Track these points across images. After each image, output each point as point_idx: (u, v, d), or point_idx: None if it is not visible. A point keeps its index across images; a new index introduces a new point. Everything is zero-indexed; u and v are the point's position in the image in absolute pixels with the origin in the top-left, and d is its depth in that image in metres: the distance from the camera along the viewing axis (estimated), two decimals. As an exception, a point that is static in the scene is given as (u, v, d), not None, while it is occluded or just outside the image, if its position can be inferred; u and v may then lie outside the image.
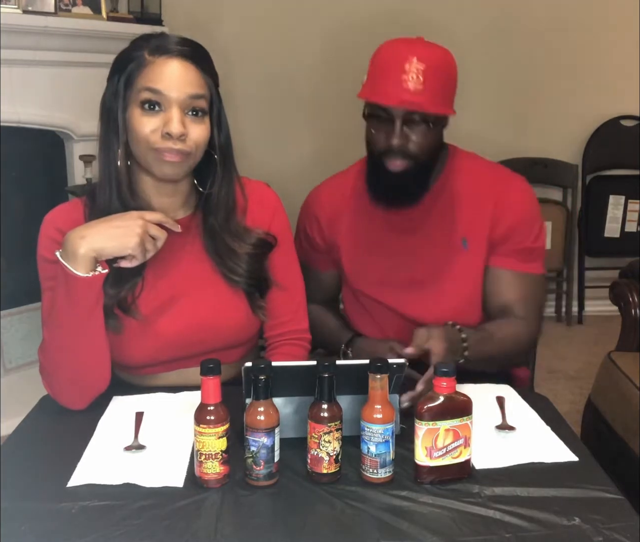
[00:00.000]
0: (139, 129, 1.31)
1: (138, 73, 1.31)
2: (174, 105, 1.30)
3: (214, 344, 1.40)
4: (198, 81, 1.33)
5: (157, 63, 1.31)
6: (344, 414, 1.09)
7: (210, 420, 1.05)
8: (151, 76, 1.30)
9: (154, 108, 1.31)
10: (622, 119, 3.86)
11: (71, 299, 1.27)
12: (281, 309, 1.52)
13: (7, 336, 2.95)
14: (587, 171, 3.90)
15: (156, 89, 1.30)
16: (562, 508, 1.02)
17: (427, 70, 1.43)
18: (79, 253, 1.24)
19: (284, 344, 1.53)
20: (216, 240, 1.42)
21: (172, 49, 1.32)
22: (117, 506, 1.02)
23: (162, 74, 1.30)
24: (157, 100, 1.30)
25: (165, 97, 1.30)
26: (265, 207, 1.50)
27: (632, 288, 2.28)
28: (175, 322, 1.40)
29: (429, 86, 1.43)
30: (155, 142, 1.31)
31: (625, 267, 2.38)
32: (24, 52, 2.69)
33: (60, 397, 1.34)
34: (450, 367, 1.07)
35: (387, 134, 1.48)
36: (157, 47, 1.32)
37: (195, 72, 1.33)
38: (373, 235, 1.65)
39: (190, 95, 1.31)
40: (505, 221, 1.56)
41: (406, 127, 1.47)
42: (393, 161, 1.49)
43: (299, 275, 1.55)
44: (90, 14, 2.89)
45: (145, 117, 1.31)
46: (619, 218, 3.91)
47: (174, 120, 1.29)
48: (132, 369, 1.44)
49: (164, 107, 1.31)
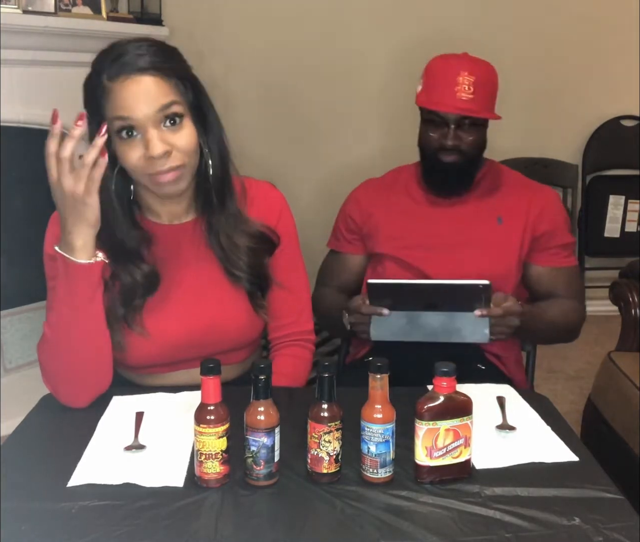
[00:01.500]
0: (124, 159, 1.28)
1: (104, 103, 1.26)
2: (148, 125, 1.25)
3: (218, 346, 1.40)
4: (164, 89, 1.27)
5: (118, 88, 1.25)
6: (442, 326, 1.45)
7: (210, 420, 1.05)
8: (116, 104, 1.25)
9: (131, 134, 1.26)
10: (622, 119, 3.85)
11: (71, 288, 1.27)
12: (286, 310, 1.52)
13: (7, 336, 2.95)
14: (587, 171, 3.90)
15: (124, 116, 1.25)
16: (562, 508, 1.02)
17: (477, 82, 1.69)
18: (77, 245, 1.24)
19: (288, 346, 1.53)
20: (219, 235, 1.41)
21: (128, 68, 1.25)
22: (117, 506, 1.02)
23: (125, 99, 1.25)
24: (130, 126, 1.26)
25: (135, 120, 1.25)
26: (271, 208, 1.49)
27: (632, 288, 2.28)
28: (179, 325, 1.40)
29: (477, 95, 1.69)
30: (144, 168, 1.28)
31: (625, 267, 2.38)
32: (24, 52, 2.69)
33: (60, 394, 1.34)
34: (450, 367, 1.07)
35: (441, 135, 1.72)
36: (113, 70, 1.25)
37: (158, 81, 1.26)
38: (410, 207, 1.83)
39: (159, 108, 1.25)
40: (546, 221, 1.77)
41: (459, 130, 1.71)
42: (447, 155, 1.73)
43: (304, 277, 1.55)
44: (90, 14, 2.89)
45: (126, 145, 1.27)
46: (619, 218, 3.91)
47: (151, 143, 1.25)
48: (135, 369, 1.45)
49: (139, 130, 1.26)
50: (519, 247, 1.77)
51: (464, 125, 1.71)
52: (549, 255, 1.78)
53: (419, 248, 1.77)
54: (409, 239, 1.78)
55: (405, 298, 1.54)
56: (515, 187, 1.83)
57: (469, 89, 1.67)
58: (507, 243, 1.76)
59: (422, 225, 1.80)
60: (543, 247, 1.78)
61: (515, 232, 1.76)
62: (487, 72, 1.74)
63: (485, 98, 1.71)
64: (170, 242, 1.43)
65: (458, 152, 1.72)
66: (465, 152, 1.72)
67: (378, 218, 1.83)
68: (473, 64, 1.72)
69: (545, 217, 1.77)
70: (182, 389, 1.38)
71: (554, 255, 1.78)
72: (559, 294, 1.77)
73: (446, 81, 1.70)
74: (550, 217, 1.78)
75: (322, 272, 1.92)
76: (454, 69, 1.70)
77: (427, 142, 1.76)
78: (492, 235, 1.77)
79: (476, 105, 1.69)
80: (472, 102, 1.68)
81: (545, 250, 1.78)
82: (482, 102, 1.70)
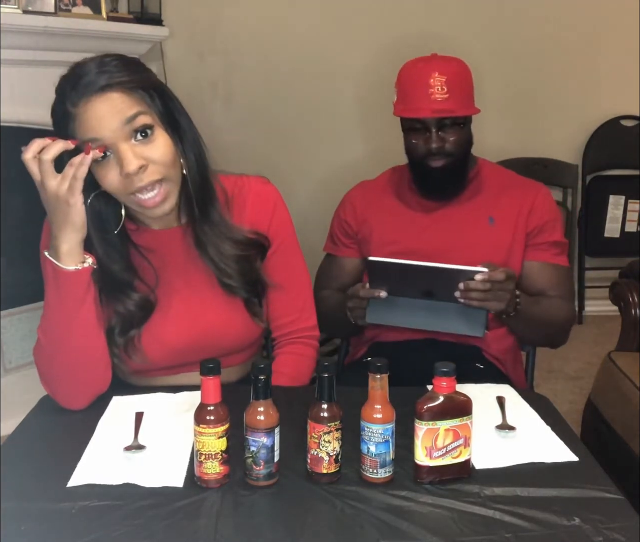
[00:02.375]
0: (104, 183, 1.26)
1: (73, 129, 1.24)
2: (118, 141, 1.23)
3: (216, 351, 1.38)
4: (127, 102, 1.24)
5: (82, 112, 1.23)
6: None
7: (210, 420, 1.05)
8: (83, 128, 1.23)
9: (105, 155, 1.24)
10: (622, 119, 3.85)
11: (60, 294, 1.27)
12: (286, 308, 1.51)
13: (7, 336, 2.95)
14: (587, 171, 3.90)
15: (92, 137, 1.22)
16: (562, 508, 1.02)
17: (449, 81, 1.67)
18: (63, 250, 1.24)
19: (290, 343, 1.52)
20: (207, 246, 1.39)
21: (89, 90, 1.22)
22: (117, 506, 1.02)
23: (90, 120, 1.22)
24: (105, 146, 1.23)
25: (104, 139, 1.22)
26: (264, 203, 1.47)
27: (632, 288, 2.28)
28: (177, 331, 1.40)
29: (452, 94, 1.67)
30: (125, 188, 1.26)
31: (625, 267, 2.38)
32: (24, 52, 2.69)
33: (59, 396, 1.34)
34: (450, 367, 1.07)
35: (425, 141, 1.71)
36: (75, 94, 1.23)
37: (120, 95, 1.24)
38: (403, 212, 1.83)
39: (125, 121, 1.23)
40: (537, 216, 1.76)
41: (441, 132, 1.70)
42: (434, 160, 1.72)
43: (304, 272, 1.54)
44: (90, 14, 2.89)
45: (102, 168, 1.25)
46: (619, 218, 3.91)
47: (125, 159, 1.22)
48: (134, 373, 1.44)
49: (111, 149, 1.24)
50: (511, 246, 1.75)
51: (445, 126, 1.69)
52: (538, 251, 1.77)
53: (412, 254, 1.72)
54: (401, 245, 1.77)
55: (404, 282, 1.54)
56: (507, 185, 1.82)
57: (442, 89, 1.66)
58: (498, 243, 1.75)
59: (414, 231, 1.79)
60: (532, 242, 1.77)
61: (506, 232, 1.76)
62: (459, 68, 1.73)
63: (461, 95, 1.69)
64: (162, 248, 1.41)
65: (444, 154, 1.70)
66: (451, 153, 1.71)
67: (372, 223, 1.83)
68: (443, 63, 1.71)
69: (536, 212, 1.76)
70: (182, 389, 1.38)
71: (544, 251, 1.77)
72: (549, 293, 1.75)
73: (419, 86, 1.68)
74: (541, 212, 1.77)
75: (320, 276, 1.91)
76: (425, 71, 1.69)
77: (412, 150, 1.75)
78: (483, 237, 1.76)
79: (452, 104, 1.67)
80: (448, 102, 1.66)
81: (535, 246, 1.77)
82: (458, 100, 1.68)
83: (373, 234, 1.83)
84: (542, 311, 1.71)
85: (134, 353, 1.37)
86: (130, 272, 1.38)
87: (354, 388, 1.18)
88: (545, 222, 1.77)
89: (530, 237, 1.76)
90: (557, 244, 1.79)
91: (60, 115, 1.26)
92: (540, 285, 1.76)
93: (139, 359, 1.37)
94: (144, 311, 1.38)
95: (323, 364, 1.07)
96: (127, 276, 1.37)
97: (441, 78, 1.66)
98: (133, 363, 1.39)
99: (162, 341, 1.39)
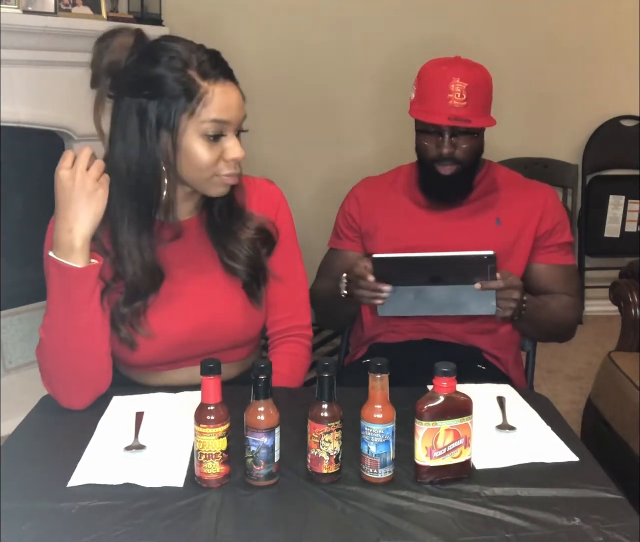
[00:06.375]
0: (202, 158, 1.32)
1: (198, 104, 1.29)
2: (232, 130, 1.33)
3: (218, 344, 1.41)
4: (242, 100, 1.35)
5: (217, 92, 1.30)
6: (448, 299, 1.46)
7: (210, 420, 1.05)
8: (216, 107, 1.30)
9: (217, 137, 1.32)
10: (622, 119, 3.86)
11: (67, 292, 1.27)
12: (282, 304, 1.52)
13: (7, 336, 2.95)
14: (587, 171, 3.90)
15: (224, 120, 1.31)
16: (562, 508, 1.02)
17: (469, 88, 1.64)
18: (76, 246, 1.25)
19: (285, 342, 1.54)
20: (221, 228, 1.43)
21: (225, 74, 1.32)
22: (117, 506, 1.02)
23: (224, 103, 1.31)
24: (222, 130, 1.32)
25: (230, 125, 1.32)
26: (270, 201, 1.51)
27: (632, 288, 2.28)
28: (183, 323, 1.41)
29: (471, 102, 1.65)
30: (220, 169, 1.33)
31: (625, 267, 2.38)
32: (24, 52, 2.69)
33: (60, 396, 1.34)
34: (450, 367, 1.07)
35: (437, 145, 1.69)
36: (206, 71, 1.30)
37: (239, 91, 1.35)
38: (409, 209, 1.82)
39: (242, 118, 1.35)
40: (548, 219, 1.77)
41: (453, 138, 1.68)
42: (443, 166, 1.71)
43: (302, 272, 1.57)
44: (90, 14, 2.89)
45: (208, 146, 1.31)
46: (619, 218, 3.91)
47: (237, 147, 1.33)
48: (137, 367, 1.45)
49: (225, 134, 1.32)
50: (518, 247, 1.76)
51: (458, 133, 1.68)
52: (547, 253, 1.78)
53: (417, 251, 1.74)
54: (407, 241, 1.76)
55: (411, 272, 1.54)
56: (514, 187, 1.82)
57: (461, 96, 1.64)
58: (505, 244, 1.74)
59: (421, 228, 1.78)
60: (542, 245, 1.77)
61: (513, 233, 1.76)
62: (481, 76, 1.70)
63: (479, 104, 1.67)
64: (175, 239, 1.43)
65: (454, 161, 1.69)
66: (461, 160, 1.70)
67: (377, 218, 1.83)
68: (466, 69, 1.68)
69: (547, 216, 1.77)
70: (182, 389, 1.38)
71: (553, 253, 1.78)
72: (558, 292, 1.76)
73: (438, 90, 1.66)
74: (552, 215, 1.78)
75: (322, 267, 1.91)
76: (446, 76, 1.66)
77: (423, 151, 1.74)
78: (490, 237, 1.74)
79: (469, 112, 1.65)
80: (465, 110, 1.64)
81: (544, 248, 1.77)
82: (476, 109, 1.66)
83: (378, 229, 1.82)
84: (550, 313, 1.71)
85: (139, 325, 1.37)
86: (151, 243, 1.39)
87: (354, 388, 1.18)
88: (555, 225, 1.78)
89: (540, 240, 1.77)
90: (566, 245, 1.80)
91: (175, 85, 1.29)
92: (550, 285, 1.77)
93: (145, 331, 1.37)
94: (152, 280, 1.37)
95: (323, 364, 1.07)
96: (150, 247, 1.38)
97: (462, 84, 1.64)
98: (135, 354, 1.39)
99: (170, 331, 1.40)
